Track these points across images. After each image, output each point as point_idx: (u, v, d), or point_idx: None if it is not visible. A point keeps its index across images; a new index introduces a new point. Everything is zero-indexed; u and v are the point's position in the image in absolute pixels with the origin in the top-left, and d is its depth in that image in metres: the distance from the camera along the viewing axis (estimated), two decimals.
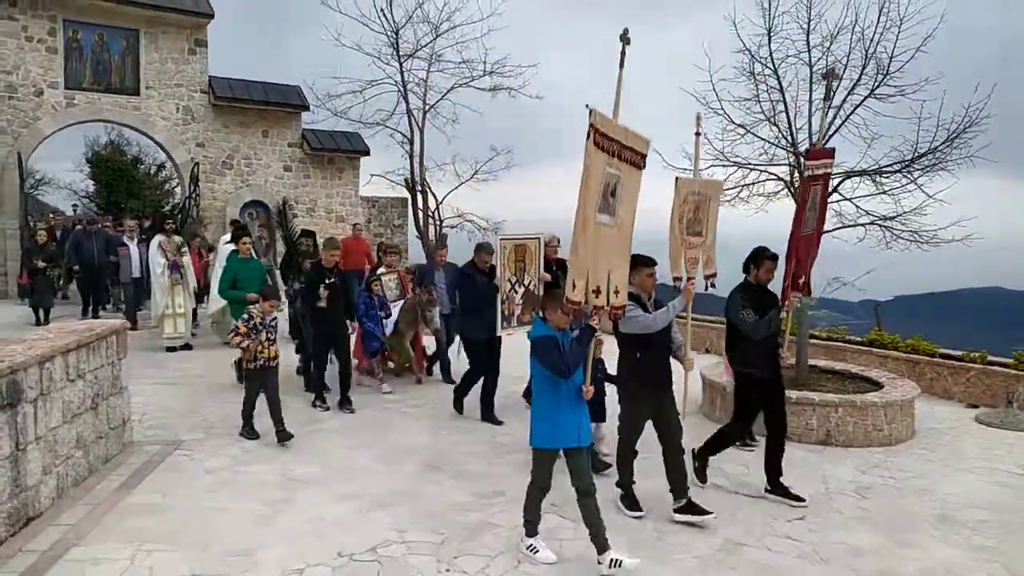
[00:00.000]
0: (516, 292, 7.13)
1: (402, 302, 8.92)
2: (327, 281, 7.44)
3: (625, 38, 4.46)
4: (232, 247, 10.19)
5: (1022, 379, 8.36)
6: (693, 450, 5.69)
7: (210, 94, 17.11)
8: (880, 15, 8.40)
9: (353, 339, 8.29)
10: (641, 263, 5.08)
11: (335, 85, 16.95)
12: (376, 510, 5.07)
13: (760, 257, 5.56)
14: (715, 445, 5.77)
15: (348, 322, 7.82)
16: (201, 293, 12.12)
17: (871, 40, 8.52)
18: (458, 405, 7.56)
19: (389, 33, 16.22)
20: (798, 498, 5.39)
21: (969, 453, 6.88)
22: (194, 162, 16.95)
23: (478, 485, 5.61)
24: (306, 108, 17.82)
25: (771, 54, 8.91)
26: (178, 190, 23.30)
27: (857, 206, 8.86)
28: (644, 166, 4.66)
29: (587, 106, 4.10)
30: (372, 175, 18.44)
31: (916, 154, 8.35)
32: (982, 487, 5.96)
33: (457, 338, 8.48)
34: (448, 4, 16.28)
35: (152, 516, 4.82)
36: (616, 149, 4.31)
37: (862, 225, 8.78)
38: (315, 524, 4.80)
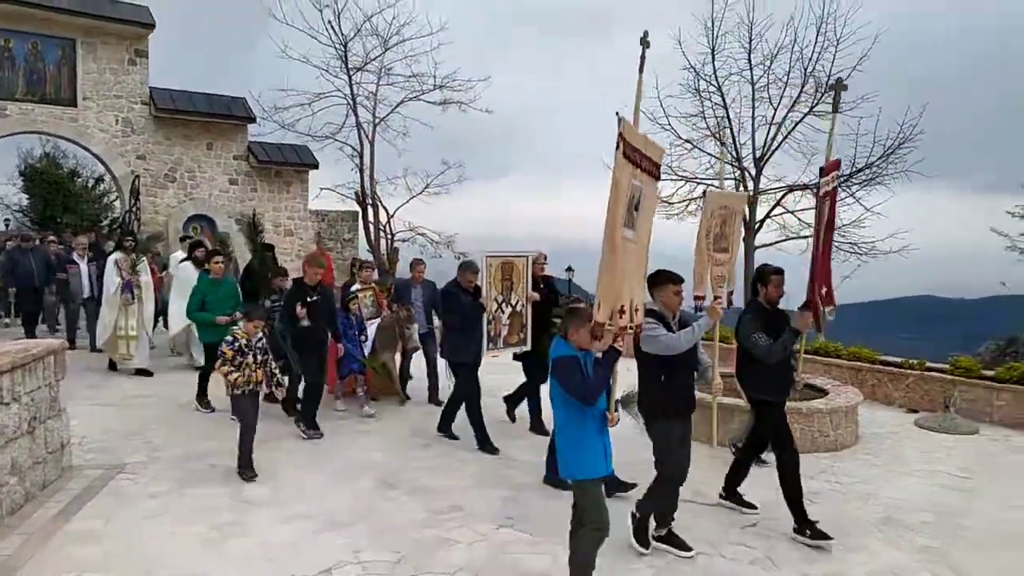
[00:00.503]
0: (503, 312, 6.88)
1: (378, 320, 8.60)
2: (308, 299, 7.07)
3: (645, 41, 4.32)
4: (188, 264, 9.72)
5: (958, 384, 8.71)
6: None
7: (151, 105, 16.65)
8: (818, 35, 8.78)
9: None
10: (668, 279, 4.73)
11: (283, 97, 16.72)
12: (330, 530, 4.96)
13: (766, 275, 5.23)
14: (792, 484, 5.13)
15: (329, 342, 7.52)
16: (158, 313, 11.12)
17: (810, 59, 8.88)
18: (447, 429, 7.24)
19: (338, 46, 16.12)
20: (751, 505, 5.49)
21: (910, 457, 7.12)
22: (135, 175, 16.45)
23: (434, 501, 5.55)
24: (252, 120, 17.49)
25: (715, 72, 9.21)
26: (117, 204, 22.60)
27: (799, 219, 9.19)
28: (660, 177, 4.48)
29: (617, 114, 3.88)
30: (322, 189, 18.21)
31: (854, 169, 8.71)
32: (923, 489, 6.17)
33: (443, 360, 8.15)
34: (397, 18, 16.16)
35: (93, 544, 4.61)
36: (638, 159, 4.09)
37: (804, 237, 9.10)
38: (266, 547, 4.67)
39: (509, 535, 4.95)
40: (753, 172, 8.95)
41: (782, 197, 9.03)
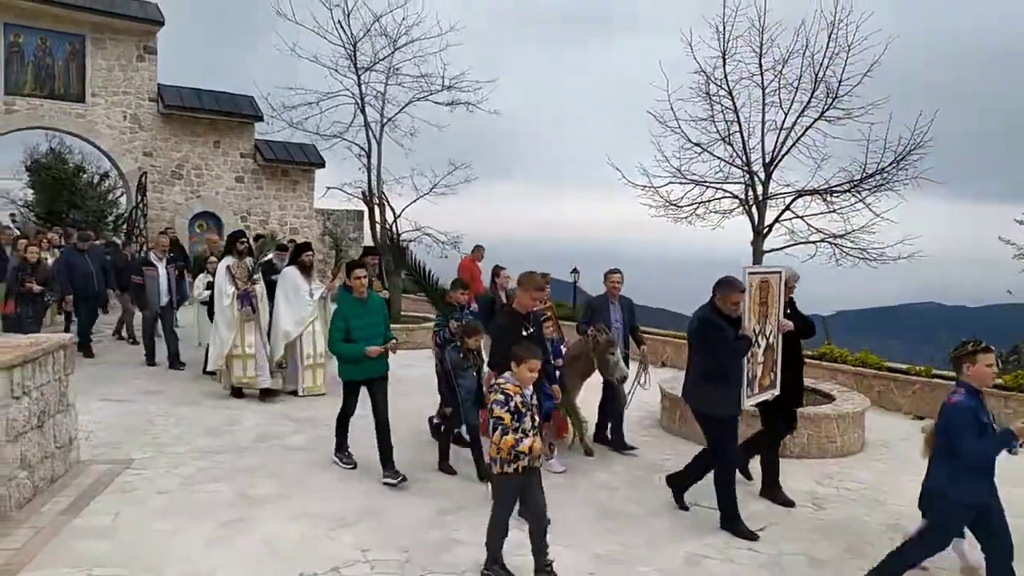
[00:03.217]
0: (758, 347, 5.43)
1: (562, 348, 7.00)
2: (526, 332, 5.40)
3: None
4: (292, 270, 8.64)
5: None
6: None
7: (159, 102, 16.73)
8: (829, 41, 8.78)
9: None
10: None
11: (290, 96, 16.71)
12: (337, 528, 4.96)
13: None
14: None
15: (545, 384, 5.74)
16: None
17: (821, 64, 8.88)
18: (681, 500, 5.66)
19: (347, 45, 16.09)
20: None
21: (917, 463, 7.05)
22: (142, 172, 16.51)
23: (440, 501, 5.55)
24: (259, 118, 17.54)
25: (726, 76, 9.20)
26: (123, 200, 22.68)
27: (809, 224, 9.19)
28: None
29: None
30: (328, 187, 18.20)
31: (864, 174, 8.71)
32: None
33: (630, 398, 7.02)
34: (406, 19, 16.12)
35: (102, 539, 4.61)
36: None
37: (813, 242, 9.10)
38: (274, 544, 4.67)
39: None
40: (763, 177, 8.99)
41: (791, 202, 9.06)
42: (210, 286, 9.13)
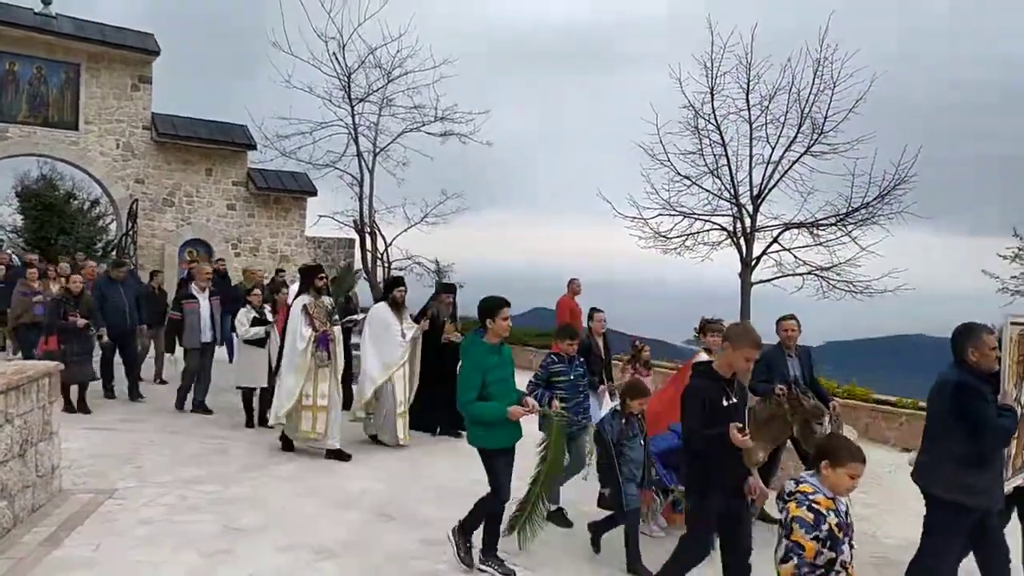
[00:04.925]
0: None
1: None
2: (727, 402, 4.01)
3: None
4: (383, 307, 8.06)
5: None
6: None
7: (152, 131, 16.79)
8: (815, 77, 8.98)
9: None
10: None
11: (284, 126, 16.87)
12: (322, 560, 4.90)
13: None
14: None
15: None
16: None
17: (807, 101, 9.07)
18: None
19: (341, 77, 16.31)
20: None
21: (906, 496, 7.05)
22: (133, 199, 16.52)
23: (427, 532, 5.49)
24: (252, 147, 17.64)
25: (714, 111, 9.38)
26: (113, 226, 22.65)
27: (796, 256, 9.29)
28: None
29: None
30: (320, 216, 18.32)
31: (850, 208, 8.85)
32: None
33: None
34: (400, 51, 16.37)
35: (82, 570, 4.53)
36: None
37: (801, 275, 9.21)
38: None
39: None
40: (750, 210, 9.11)
41: (779, 234, 9.18)
42: (255, 322, 8.45)
